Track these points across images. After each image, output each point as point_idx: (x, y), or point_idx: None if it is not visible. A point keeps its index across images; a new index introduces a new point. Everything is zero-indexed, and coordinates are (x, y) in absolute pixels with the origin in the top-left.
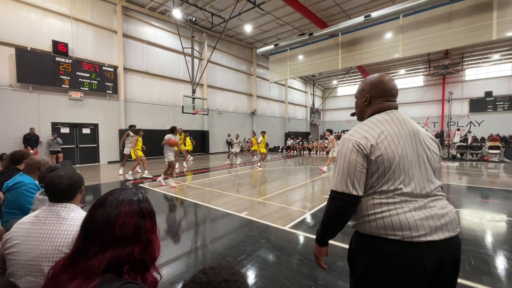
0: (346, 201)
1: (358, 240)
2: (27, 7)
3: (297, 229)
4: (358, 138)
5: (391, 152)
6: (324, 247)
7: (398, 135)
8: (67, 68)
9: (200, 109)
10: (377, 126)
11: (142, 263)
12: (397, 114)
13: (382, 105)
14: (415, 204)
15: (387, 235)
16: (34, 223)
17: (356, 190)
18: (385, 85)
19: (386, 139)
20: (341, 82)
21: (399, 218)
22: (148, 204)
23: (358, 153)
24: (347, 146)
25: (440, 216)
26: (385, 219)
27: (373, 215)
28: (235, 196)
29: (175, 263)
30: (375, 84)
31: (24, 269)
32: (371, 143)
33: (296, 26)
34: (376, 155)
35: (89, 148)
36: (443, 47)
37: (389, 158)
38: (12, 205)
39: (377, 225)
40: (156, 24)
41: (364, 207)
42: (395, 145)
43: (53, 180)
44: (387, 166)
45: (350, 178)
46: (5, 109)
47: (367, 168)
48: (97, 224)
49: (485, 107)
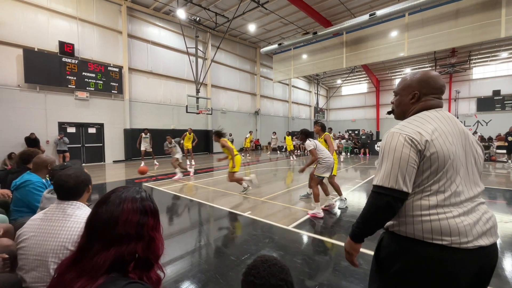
0: (395, 197)
1: (394, 241)
2: (35, 9)
3: (301, 229)
4: (411, 133)
5: (446, 150)
6: (359, 244)
7: (452, 133)
8: (73, 69)
9: (204, 109)
10: (429, 122)
11: (146, 260)
12: (447, 113)
13: (433, 101)
14: (464, 208)
15: (433, 239)
16: (43, 220)
17: (406, 186)
18: (436, 81)
19: (441, 136)
20: (346, 81)
21: (449, 223)
22: (151, 202)
23: (411, 147)
24: (398, 140)
25: (485, 221)
26: (433, 222)
27: (419, 217)
28: (239, 195)
29: (179, 262)
30: (425, 80)
31: (31, 263)
32: (426, 139)
33: (300, 25)
34: (431, 151)
35: (95, 148)
36: (450, 45)
37: (444, 156)
38: (20, 203)
39: (423, 228)
40: (160, 24)
41: (408, 207)
42: (450, 143)
43: (61, 179)
44: (441, 164)
45: (401, 174)
46: (13, 109)
47: (418, 165)
48: (101, 221)
49: (493, 106)
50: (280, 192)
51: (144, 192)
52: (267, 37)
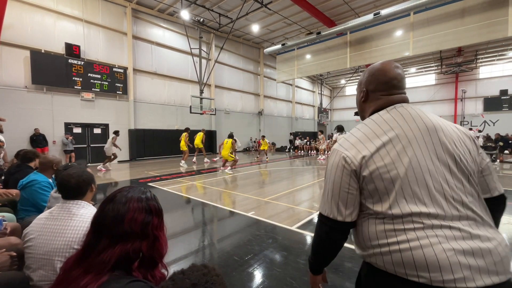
0: (331, 227)
1: (370, 274)
2: (42, 11)
3: (305, 229)
4: (346, 149)
5: (391, 163)
6: (318, 275)
7: (404, 138)
8: (79, 70)
9: (207, 109)
10: (372, 131)
11: (150, 259)
12: (402, 110)
13: (381, 100)
14: (446, 230)
15: (407, 275)
16: (49, 219)
17: (341, 215)
18: (383, 75)
19: (385, 147)
20: (350, 81)
21: (424, 253)
22: (156, 202)
23: (344, 169)
24: (333, 160)
25: (484, 251)
26: (404, 253)
27: (386, 246)
28: (242, 195)
29: (183, 261)
30: (372, 74)
31: (38, 262)
32: (362, 155)
33: (304, 25)
34: (370, 169)
35: (100, 148)
36: (456, 45)
37: (390, 171)
38: (26, 202)
39: (392, 260)
40: (164, 25)
41: (372, 234)
42: (398, 152)
43: (63, 179)
44: (389, 182)
45: (334, 201)
46: (20, 109)
47: (360, 187)
48: (107, 218)
49: (500, 106)
50: (284, 193)
51: (149, 192)
52: (271, 38)
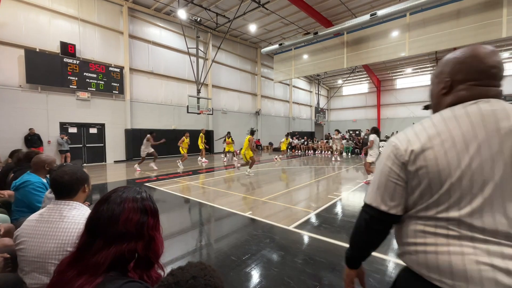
0: (372, 216)
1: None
2: (36, 9)
3: (302, 229)
4: (400, 141)
5: (444, 162)
6: (353, 270)
7: (468, 138)
8: (74, 69)
9: (205, 109)
10: (434, 126)
11: (146, 259)
12: (483, 106)
13: (469, 92)
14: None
15: (430, 278)
16: (39, 221)
17: (385, 204)
18: (480, 62)
19: (443, 144)
20: (346, 81)
21: (451, 260)
22: (151, 202)
23: (394, 159)
24: (385, 151)
25: None
26: (429, 255)
27: (413, 246)
28: (239, 195)
29: (179, 262)
30: (463, 61)
31: (31, 265)
32: (412, 148)
33: (301, 25)
34: (417, 165)
35: (96, 148)
36: (451, 45)
37: (440, 170)
38: (20, 203)
39: (418, 259)
40: (161, 24)
41: (404, 231)
42: (457, 152)
43: (56, 175)
44: (436, 182)
45: (379, 190)
46: (15, 109)
47: (406, 181)
48: (102, 219)
49: None
50: (281, 192)
51: (144, 192)
52: (268, 37)
